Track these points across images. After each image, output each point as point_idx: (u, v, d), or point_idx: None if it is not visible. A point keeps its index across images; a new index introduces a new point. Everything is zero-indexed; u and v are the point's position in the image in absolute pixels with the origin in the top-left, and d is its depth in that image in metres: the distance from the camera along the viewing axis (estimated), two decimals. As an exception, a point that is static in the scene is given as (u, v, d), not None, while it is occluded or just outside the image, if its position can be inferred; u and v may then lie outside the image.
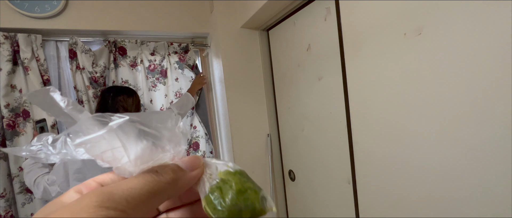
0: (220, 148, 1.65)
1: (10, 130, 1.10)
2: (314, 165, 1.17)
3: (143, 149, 0.18)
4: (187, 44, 1.44)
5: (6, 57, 1.08)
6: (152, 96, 1.41)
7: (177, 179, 0.19)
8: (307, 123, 1.18)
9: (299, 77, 1.19)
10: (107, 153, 0.18)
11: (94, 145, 0.18)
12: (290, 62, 1.24)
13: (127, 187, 0.16)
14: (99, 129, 0.18)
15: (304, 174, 1.26)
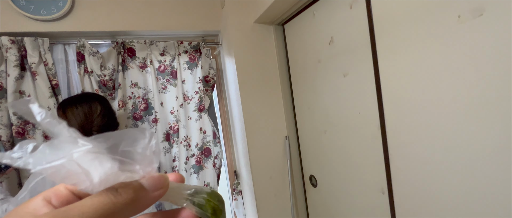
0: (235, 152, 1.56)
1: (20, 137, 1.06)
2: (339, 170, 1.06)
3: (107, 174, 0.18)
4: (198, 43, 1.36)
5: (13, 62, 1.04)
6: (163, 99, 1.35)
7: (137, 199, 0.18)
8: (330, 124, 1.06)
9: (320, 74, 1.08)
10: (69, 179, 0.17)
11: (54, 171, 0.17)
12: (309, 58, 1.13)
13: (81, 210, 0.16)
14: (68, 149, 0.17)
15: (327, 180, 1.15)
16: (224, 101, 1.56)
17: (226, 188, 1.65)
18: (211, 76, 1.43)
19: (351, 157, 0.97)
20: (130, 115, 1.29)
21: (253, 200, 1.32)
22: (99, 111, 0.94)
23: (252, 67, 1.28)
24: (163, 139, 1.33)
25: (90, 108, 0.93)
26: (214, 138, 1.43)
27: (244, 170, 1.41)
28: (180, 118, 1.35)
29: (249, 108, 1.27)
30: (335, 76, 0.99)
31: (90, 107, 0.93)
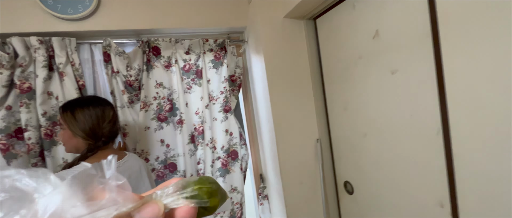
0: (261, 155, 1.49)
1: (48, 139, 1.05)
2: (382, 178, 0.96)
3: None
4: (223, 40, 1.30)
5: (41, 63, 1.02)
6: (188, 99, 1.30)
7: None
8: (372, 127, 0.96)
9: (360, 72, 0.98)
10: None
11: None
12: (347, 54, 1.03)
13: None
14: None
15: (367, 187, 1.05)
16: (249, 101, 1.50)
17: (251, 192, 1.59)
18: (237, 75, 1.37)
19: (398, 163, 0.87)
20: (155, 117, 1.25)
21: (282, 206, 1.24)
22: (111, 117, 0.89)
23: (281, 65, 1.20)
24: (188, 141, 1.28)
25: (103, 112, 0.87)
26: (240, 140, 1.37)
27: (271, 174, 1.33)
28: (206, 119, 1.29)
29: (278, 109, 1.20)
30: (381, 73, 0.89)
31: (103, 111, 0.88)
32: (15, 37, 0.99)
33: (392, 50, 0.83)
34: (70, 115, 0.82)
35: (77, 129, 0.81)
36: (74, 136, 0.82)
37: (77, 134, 0.82)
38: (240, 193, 1.35)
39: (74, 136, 0.82)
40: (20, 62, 1.01)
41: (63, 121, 0.83)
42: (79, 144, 0.84)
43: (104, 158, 0.72)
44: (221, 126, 1.33)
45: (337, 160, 1.23)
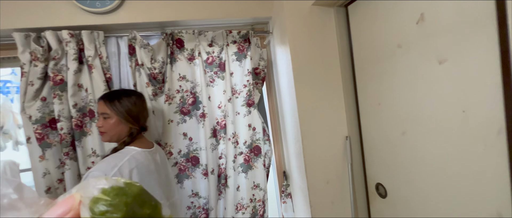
0: (284, 151, 1.43)
1: (79, 130, 1.09)
2: (424, 182, 0.85)
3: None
4: (247, 31, 1.25)
5: (72, 56, 1.06)
6: (210, 92, 1.27)
7: None
8: (412, 124, 0.86)
9: (399, 62, 0.87)
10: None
11: None
12: (383, 43, 0.93)
13: None
14: None
15: (403, 192, 0.95)
16: (273, 96, 1.44)
17: (274, 189, 1.54)
18: (261, 68, 1.32)
19: (446, 167, 0.76)
20: (178, 110, 1.25)
21: (306, 206, 1.18)
22: (146, 106, 1.01)
23: (308, 56, 1.12)
24: (210, 135, 1.26)
25: (143, 101, 0.99)
26: (264, 135, 1.32)
27: (296, 172, 1.27)
28: (228, 113, 1.26)
29: (304, 104, 1.12)
30: (425, 63, 0.78)
31: (143, 100, 0.99)
32: (49, 31, 1.03)
33: (441, 36, 0.72)
34: (118, 103, 0.90)
35: (126, 115, 0.90)
36: (120, 123, 0.90)
37: (125, 120, 0.90)
38: (262, 190, 1.31)
39: (120, 122, 0.90)
40: (53, 55, 1.05)
41: (109, 109, 0.89)
42: (122, 131, 0.91)
43: (141, 144, 0.77)
44: (244, 120, 1.29)
45: (369, 160, 1.13)
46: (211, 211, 1.25)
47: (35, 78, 1.03)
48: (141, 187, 0.20)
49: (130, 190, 0.19)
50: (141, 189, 0.20)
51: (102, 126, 0.90)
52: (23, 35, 1.01)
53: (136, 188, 0.20)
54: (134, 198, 0.19)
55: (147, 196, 0.20)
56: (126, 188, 0.19)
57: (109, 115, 0.90)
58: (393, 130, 0.95)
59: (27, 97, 1.03)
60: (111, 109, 0.89)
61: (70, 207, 0.17)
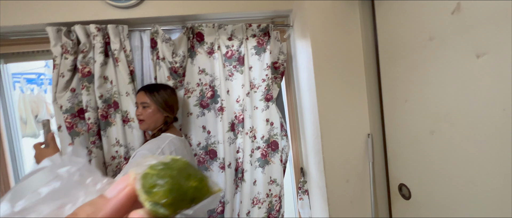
0: (302, 147, 1.41)
1: (104, 120, 1.13)
2: (455, 186, 0.79)
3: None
4: (267, 25, 1.23)
5: (99, 49, 1.10)
6: (229, 86, 1.27)
7: (97, 210, 0.17)
8: (443, 123, 0.80)
9: (430, 56, 0.81)
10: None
11: None
12: (412, 36, 0.87)
13: None
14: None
15: (430, 194, 0.90)
16: (292, 90, 1.41)
17: (291, 186, 1.52)
18: (280, 62, 1.30)
19: (482, 170, 0.71)
20: (197, 103, 1.26)
21: (324, 204, 1.15)
22: (178, 100, 1.12)
23: (330, 50, 1.09)
24: (228, 129, 1.27)
25: (177, 95, 1.11)
26: (282, 130, 1.30)
27: (313, 169, 1.25)
28: (246, 108, 1.26)
29: (324, 99, 1.09)
30: (460, 57, 0.72)
31: (176, 95, 1.11)
32: (78, 25, 1.08)
33: (479, 27, 0.66)
34: (157, 94, 1.01)
35: (163, 105, 1.01)
36: (157, 111, 1.01)
37: (162, 109, 1.01)
38: (279, 186, 1.30)
39: (158, 111, 1.01)
40: (82, 48, 1.10)
41: (149, 99, 1.00)
42: (158, 120, 1.02)
43: (174, 132, 0.85)
44: (262, 115, 1.28)
45: (392, 159, 1.08)
46: (227, 204, 1.26)
47: (66, 70, 1.08)
48: (187, 161, 0.22)
49: (175, 165, 0.20)
50: (186, 163, 0.21)
51: (141, 114, 1.01)
52: (55, 29, 1.06)
53: (181, 163, 0.21)
54: (179, 171, 0.20)
55: (192, 170, 0.21)
56: (172, 163, 0.21)
57: (149, 104, 1.00)
58: (420, 128, 0.89)
59: (58, 88, 1.10)
60: (151, 99, 1.00)
61: (127, 183, 0.19)
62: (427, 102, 0.85)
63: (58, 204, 0.18)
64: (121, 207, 0.18)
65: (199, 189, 0.20)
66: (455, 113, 0.76)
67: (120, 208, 0.17)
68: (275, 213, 1.29)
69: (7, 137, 1.25)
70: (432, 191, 0.89)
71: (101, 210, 0.17)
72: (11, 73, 1.36)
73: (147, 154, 0.88)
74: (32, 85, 1.76)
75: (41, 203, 0.18)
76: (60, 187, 0.19)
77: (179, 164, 0.21)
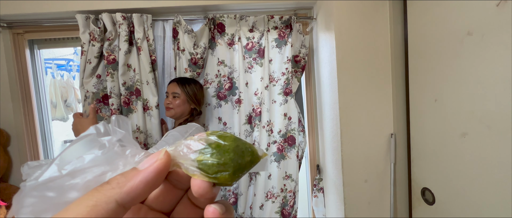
0: (319, 144, 1.38)
1: (126, 107, 1.17)
2: (485, 194, 0.74)
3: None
4: (290, 17, 1.20)
5: (124, 37, 1.13)
6: (248, 79, 1.26)
7: (125, 180, 0.18)
8: (477, 126, 0.74)
9: (467, 53, 0.75)
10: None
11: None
12: (447, 31, 0.81)
13: (75, 211, 0.16)
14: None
15: (457, 202, 0.84)
16: (312, 85, 1.38)
17: (305, 182, 1.50)
18: (301, 56, 1.26)
19: (517, 178, 0.65)
20: (215, 94, 1.27)
21: (340, 203, 1.12)
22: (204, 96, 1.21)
23: (355, 44, 1.04)
24: (245, 121, 1.26)
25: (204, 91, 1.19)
26: (299, 125, 1.28)
27: (330, 167, 1.21)
28: (264, 101, 1.24)
29: (346, 95, 1.05)
30: (504, 53, 0.65)
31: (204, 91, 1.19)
32: (105, 13, 1.11)
33: (530, 21, 0.59)
34: (187, 86, 1.10)
35: (192, 97, 1.10)
36: (185, 102, 1.09)
37: (191, 101, 1.10)
38: (294, 182, 1.28)
39: (186, 102, 1.09)
40: (108, 36, 1.13)
41: (180, 90, 1.09)
42: (185, 110, 1.10)
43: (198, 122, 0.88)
44: (280, 109, 1.26)
45: (416, 161, 1.02)
46: (241, 196, 1.26)
47: (93, 56, 1.13)
48: (233, 136, 0.21)
49: (228, 145, 0.20)
50: (235, 139, 0.21)
51: (171, 103, 1.09)
52: (84, 17, 1.10)
53: (231, 140, 0.20)
54: (234, 152, 0.20)
55: (242, 143, 0.21)
56: (224, 145, 0.20)
57: (179, 94, 1.08)
58: (450, 130, 0.84)
59: (85, 73, 1.14)
60: (182, 90, 1.09)
61: (157, 158, 0.19)
62: (460, 101, 0.79)
63: (100, 171, 0.19)
64: (149, 180, 0.18)
65: (253, 161, 0.21)
66: (493, 115, 0.70)
67: (147, 181, 0.18)
68: (289, 208, 1.28)
69: (39, 119, 1.33)
70: (459, 198, 0.83)
71: (130, 181, 0.18)
72: (44, 58, 1.44)
73: (177, 135, 0.96)
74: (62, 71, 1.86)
75: (85, 168, 0.19)
76: (102, 155, 0.20)
77: (230, 142, 0.20)
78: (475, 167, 0.76)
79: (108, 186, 0.17)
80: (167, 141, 0.95)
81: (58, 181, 0.19)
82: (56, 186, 0.19)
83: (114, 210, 0.17)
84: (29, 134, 1.28)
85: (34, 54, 1.31)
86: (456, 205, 0.84)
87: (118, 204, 0.17)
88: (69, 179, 0.19)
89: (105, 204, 0.17)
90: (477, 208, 0.77)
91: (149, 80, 1.18)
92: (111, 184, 0.18)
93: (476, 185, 0.76)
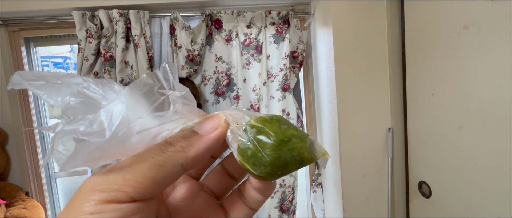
0: (318, 140, 1.38)
1: (124, 104, 1.17)
2: (480, 187, 0.75)
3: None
4: (287, 12, 1.20)
5: (120, 34, 1.12)
6: (246, 75, 1.26)
7: (189, 145, 0.18)
8: (473, 119, 0.75)
9: (463, 46, 0.76)
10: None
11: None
12: (444, 25, 0.81)
13: (128, 172, 0.15)
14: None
15: (452, 194, 0.85)
16: (310, 81, 1.38)
17: (304, 178, 1.51)
18: (299, 52, 1.26)
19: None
20: (213, 91, 1.27)
21: (338, 198, 1.13)
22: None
23: (353, 39, 1.04)
24: (244, 117, 1.27)
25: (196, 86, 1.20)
26: (297, 121, 1.29)
27: (329, 162, 1.22)
28: (262, 97, 1.25)
29: (344, 90, 1.06)
30: (500, 46, 0.66)
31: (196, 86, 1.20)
32: (101, 10, 1.10)
33: (525, 13, 0.60)
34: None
35: None
36: None
37: None
38: (293, 177, 1.29)
39: None
40: (104, 33, 1.13)
41: None
42: None
43: None
44: (278, 105, 1.27)
45: (413, 155, 1.03)
46: (241, 191, 1.27)
47: (90, 54, 1.12)
48: (282, 119, 0.19)
49: (275, 134, 0.18)
50: (284, 130, 0.19)
51: None
52: (80, 14, 1.09)
53: (277, 127, 0.19)
54: (281, 142, 0.18)
55: (293, 133, 0.19)
56: (269, 130, 0.18)
57: None
58: (447, 124, 0.84)
59: (82, 71, 1.14)
60: None
61: (218, 124, 0.19)
62: (457, 95, 0.80)
63: (163, 129, 0.18)
64: (211, 147, 0.18)
65: (302, 160, 0.18)
66: (488, 108, 0.70)
67: (209, 148, 0.18)
68: (287, 203, 1.29)
69: (36, 117, 1.32)
70: (455, 191, 0.84)
71: (194, 147, 0.17)
72: (40, 56, 1.43)
73: None
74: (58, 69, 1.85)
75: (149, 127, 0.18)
76: (170, 113, 0.18)
77: (277, 130, 0.18)
78: (470, 160, 0.77)
79: (173, 149, 0.17)
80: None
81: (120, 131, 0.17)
82: (115, 138, 0.16)
83: (179, 173, 0.17)
84: (26, 133, 1.27)
85: (30, 51, 1.30)
86: (452, 197, 0.85)
87: (182, 168, 0.17)
88: (129, 133, 0.17)
89: (172, 166, 0.16)
90: (473, 200, 0.78)
91: (147, 77, 1.17)
92: (176, 147, 0.17)
93: (472, 178, 0.77)
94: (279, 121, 0.19)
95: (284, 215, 1.29)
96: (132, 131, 0.16)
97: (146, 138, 0.17)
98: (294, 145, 0.18)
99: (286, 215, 1.29)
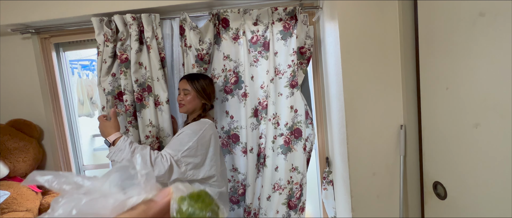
0: (328, 137, 1.35)
1: (139, 103, 1.25)
2: (499, 188, 0.68)
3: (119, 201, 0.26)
4: (294, 7, 1.18)
5: (134, 37, 1.19)
6: (253, 72, 1.27)
7: (148, 208, 0.26)
8: (490, 115, 0.68)
9: (480, 36, 0.69)
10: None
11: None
12: (459, 12, 0.74)
13: None
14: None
15: (469, 196, 0.79)
16: (319, 77, 1.35)
17: (316, 175, 1.49)
18: (307, 47, 1.24)
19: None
20: (222, 88, 1.30)
21: (347, 196, 1.10)
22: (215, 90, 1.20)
23: (361, 31, 1.00)
24: (251, 115, 1.28)
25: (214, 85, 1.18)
26: (307, 118, 1.27)
27: (338, 159, 1.19)
28: (270, 94, 1.25)
29: (351, 85, 1.02)
30: (517, 36, 0.59)
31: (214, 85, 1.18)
32: (117, 15, 1.18)
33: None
34: (196, 82, 1.10)
35: (202, 92, 1.10)
36: (196, 98, 1.10)
37: (201, 96, 1.11)
38: (301, 174, 1.28)
39: (197, 98, 1.10)
40: (120, 36, 1.21)
41: (190, 86, 1.10)
42: (197, 105, 1.12)
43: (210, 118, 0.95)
44: (286, 102, 1.26)
45: (427, 154, 0.97)
46: (249, 187, 1.29)
47: (107, 56, 1.21)
48: (207, 193, 0.29)
49: (202, 200, 0.27)
50: (208, 196, 0.28)
51: (182, 99, 1.11)
52: (98, 20, 1.18)
53: (203, 196, 0.28)
54: (203, 204, 0.27)
55: (210, 201, 0.28)
56: (197, 197, 0.28)
57: (189, 91, 1.09)
58: (463, 121, 0.78)
59: (102, 73, 1.23)
60: (191, 86, 1.09)
61: (168, 193, 0.27)
62: (473, 89, 0.73)
63: (127, 196, 0.27)
64: (162, 209, 0.26)
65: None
66: (507, 103, 0.63)
67: (161, 210, 0.26)
68: (295, 200, 1.29)
69: (67, 115, 1.46)
70: (472, 192, 0.77)
71: (151, 209, 0.26)
72: (69, 60, 1.57)
73: (191, 133, 1.01)
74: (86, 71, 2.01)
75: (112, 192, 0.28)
76: (133, 183, 0.28)
77: (203, 198, 0.28)
78: (488, 159, 0.71)
79: (137, 211, 0.25)
80: (180, 140, 0.99)
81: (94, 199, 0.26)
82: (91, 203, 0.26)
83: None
84: (58, 129, 1.41)
85: (60, 56, 1.44)
86: (468, 199, 0.79)
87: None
88: (103, 198, 0.26)
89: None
90: (490, 203, 0.71)
91: (159, 76, 1.23)
92: (138, 210, 0.25)
93: (489, 179, 0.71)
94: (197, 200, 0.27)
95: (291, 212, 1.29)
96: (107, 206, 0.25)
97: (120, 205, 0.26)
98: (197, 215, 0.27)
99: (293, 212, 1.29)
